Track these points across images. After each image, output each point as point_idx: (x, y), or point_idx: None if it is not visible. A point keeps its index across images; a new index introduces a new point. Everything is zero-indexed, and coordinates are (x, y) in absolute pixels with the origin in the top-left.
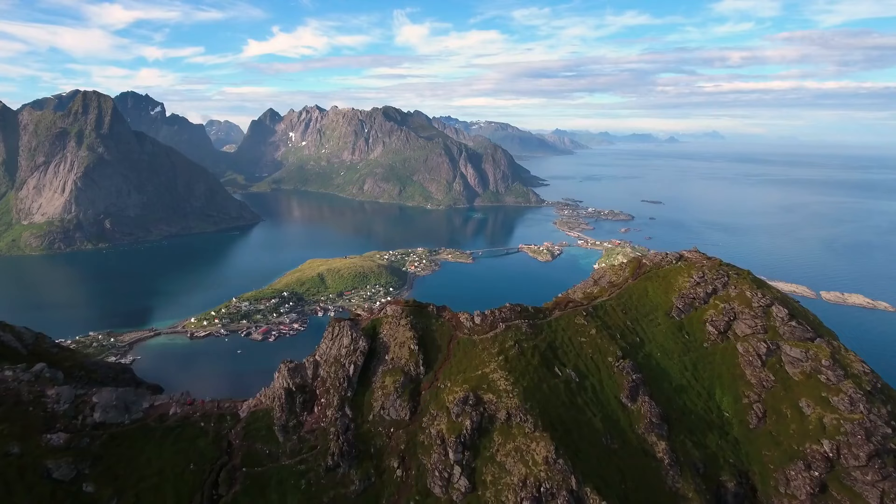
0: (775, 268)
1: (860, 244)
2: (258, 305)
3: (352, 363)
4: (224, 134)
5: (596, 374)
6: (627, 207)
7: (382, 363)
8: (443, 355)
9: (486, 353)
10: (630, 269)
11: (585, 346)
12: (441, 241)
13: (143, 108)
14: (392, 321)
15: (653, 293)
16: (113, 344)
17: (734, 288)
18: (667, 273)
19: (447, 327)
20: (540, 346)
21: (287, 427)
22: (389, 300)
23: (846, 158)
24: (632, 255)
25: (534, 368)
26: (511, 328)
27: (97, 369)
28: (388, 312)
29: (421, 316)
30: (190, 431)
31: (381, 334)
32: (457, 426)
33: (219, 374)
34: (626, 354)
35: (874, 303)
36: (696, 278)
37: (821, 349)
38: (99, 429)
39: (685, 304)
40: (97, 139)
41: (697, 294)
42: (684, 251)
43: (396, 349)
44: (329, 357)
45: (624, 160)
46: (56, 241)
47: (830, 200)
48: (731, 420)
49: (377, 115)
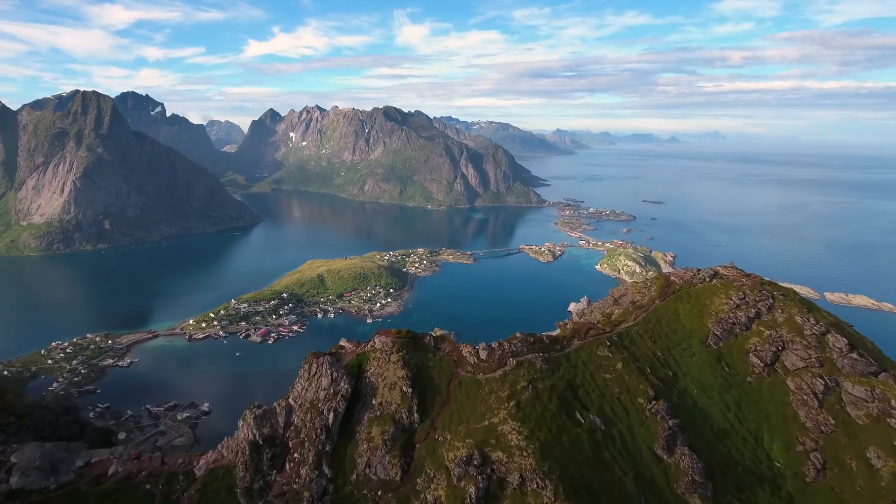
0: (778, 268)
1: (863, 244)
2: (257, 307)
3: (331, 409)
4: (225, 134)
5: (625, 418)
6: (629, 208)
7: (369, 409)
8: (442, 399)
9: (495, 398)
10: (657, 287)
11: (611, 385)
12: (442, 241)
13: (144, 108)
14: (381, 356)
15: (685, 317)
16: (111, 346)
17: (781, 312)
18: (700, 293)
19: (447, 363)
20: (558, 385)
21: (251, 490)
22: (379, 331)
23: (848, 158)
24: (634, 255)
25: (551, 416)
26: (523, 365)
27: (30, 412)
28: (377, 345)
29: (416, 349)
30: (132, 496)
31: (367, 373)
32: (459, 492)
33: (217, 376)
34: (658, 394)
35: (879, 304)
36: (735, 300)
37: (889, 387)
38: (15, 498)
39: (723, 330)
40: (96, 139)
41: (738, 318)
42: (719, 267)
43: (386, 391)
44: (304, 401)
45: (625, 160)
46: (55, 241)
47: (832, 200)
48: (784, 471)
49: (378, 115)
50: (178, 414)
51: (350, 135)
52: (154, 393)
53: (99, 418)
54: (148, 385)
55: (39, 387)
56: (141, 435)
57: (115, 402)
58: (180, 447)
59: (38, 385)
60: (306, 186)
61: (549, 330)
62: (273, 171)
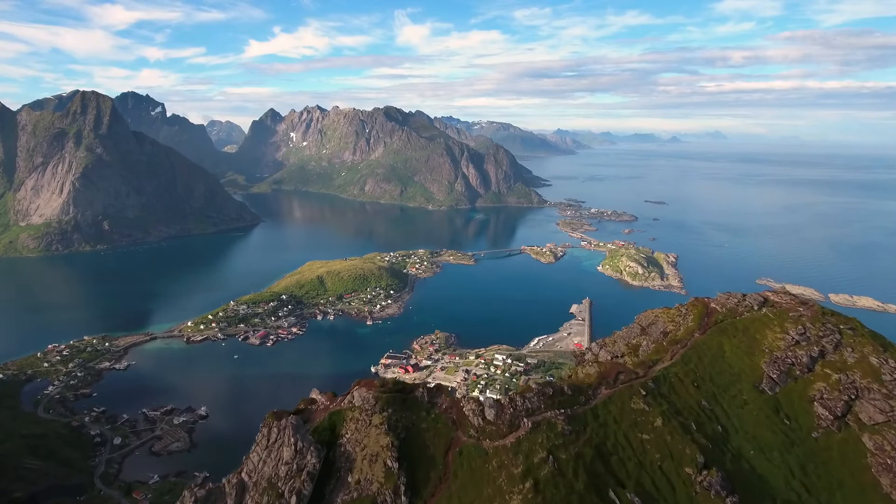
0: (782, 269)
1: (866, 245)
2: (256, 309)
3: (294, 491)
4: (225, 134)
5: (670, 496)
6: (631, 208)
7: (343, 488)
8: (437, 474)
9: (506, 475)
10: (694, 316)
11: (650, 449)
12: (442, 242)
13: (144, 108)
14: (360, 417)
15: (732, 355)
16: (108, 348)
17: (850, 350)
18: (748, 325)
19: (444, 425)
20: (585, 455)
21: None
22: (358, 381)
23: (849, 158)
24: (636, 256)
25: (579, 498)
26: (541, 427)
27: None
28: (356, 401)
29: (404, 407)
30: None
31: (342, 439)
32: None
33: (215, 380)
34: (708, 458)
35: (884, 306)
36: (793, 334)
37: None
38: None
39: (780, 372)
40: (96, 140)
41: (797, 358)
42: (768, 292)
43: (365, 466)
44: (261, 478)
45: (626, 160)
46: (54, 242)
47: (835, 201)
48: None
49: (378, 115)
50: (174, 418)
51: (351, 135)
52: (151, 396)
53: (94, 423)
54: (145, 388)
55: (35, 390)
56: (136, 440)
57: (112, 406)
58: (177, 452)
59: (33, 389)
60: (307, 187)
61: (551, 331)
62: (273, 172)
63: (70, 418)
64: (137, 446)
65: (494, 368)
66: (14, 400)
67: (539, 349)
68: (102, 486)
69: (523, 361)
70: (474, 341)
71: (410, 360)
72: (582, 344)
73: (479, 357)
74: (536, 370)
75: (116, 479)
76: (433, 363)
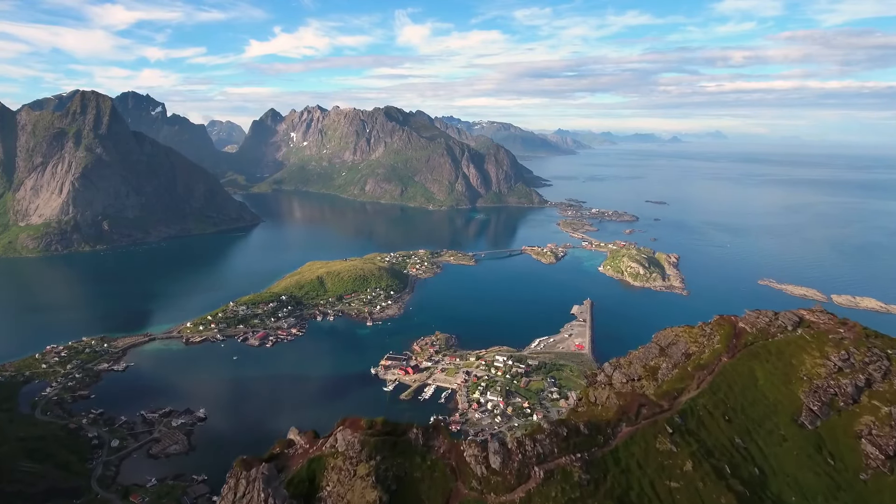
0: (784, 270)
1: (868, 245)
2: (256, 309)
3: None
4: (226, 134)
5: None
6: (631, 208)
7: None
8: None
9: None
10: (721, 336)
11: (680, 500)
12: (443, 242)
13: (144, 108)
14: (343, 466)
15: (766, 383)
16: (106, 349)
17: None
18: (782, 348)
19: (442, 473)
20: None
21: None
22: (343, 419)
23: (850, 158)
24: (637, 256)
25: None
26: (555, 477)
27: None
28: (339, 445)
29: (395, 452)
30: None
31: (322, 492)
32: None
33: (214, 381)
34: None
35: (887, 307)
36: (835, 360)
37: None
38: None
39: (821, 403)
40: (95, 140)
41: (841, 387)
42: (803, 310)
43: None
44: None
45: (627, 160)
46: (53, 242)
47: (836, 201)
48: None
49: (379, 115)
50: (173, 420)
51: (351, 135)
52: (149, 398)
53: (92, 425)
54: (143, 390)
55: (32, 392)
56: (134, 442)
57: (110, 408)
58: (175, 455)
59: (31, 390)
60: (307, 187)
61: (552, 332)
62: (274, 172)
63: (68, 420)
64: (135, 449)
65: (495, 370)
66: (11, 402)
67: (540, 350)
68: (100, 490)
69: (524, 363)
70: (475, 342)
71: (410, 361)
72: (583, 345)
73: (479, 358)
74: (537, 371)
75: (114, 482)
76: (433, 364)
